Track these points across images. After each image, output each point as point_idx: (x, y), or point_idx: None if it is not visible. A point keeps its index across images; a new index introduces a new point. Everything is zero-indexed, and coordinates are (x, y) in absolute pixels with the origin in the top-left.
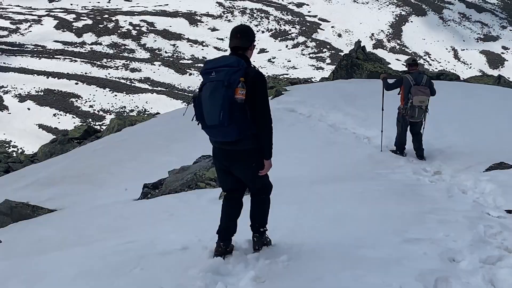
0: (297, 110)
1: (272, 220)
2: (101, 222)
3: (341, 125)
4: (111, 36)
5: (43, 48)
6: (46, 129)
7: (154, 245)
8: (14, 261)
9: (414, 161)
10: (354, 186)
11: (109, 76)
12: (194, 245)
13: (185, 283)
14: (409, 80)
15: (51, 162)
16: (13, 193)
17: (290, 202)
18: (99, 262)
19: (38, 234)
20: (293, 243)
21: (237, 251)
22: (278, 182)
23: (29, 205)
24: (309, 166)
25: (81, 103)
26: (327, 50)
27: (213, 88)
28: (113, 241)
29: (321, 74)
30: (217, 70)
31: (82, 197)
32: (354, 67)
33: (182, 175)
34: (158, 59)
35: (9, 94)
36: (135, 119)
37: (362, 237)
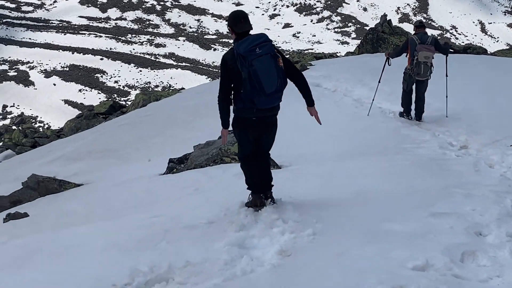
0: (322, 84)
1: (297, 194)
2: (127, 197)
3: (367, 99)
4: (136, 11)
5: (68, 24)
6: (72, 105)
7: (179, 219)
8: (42, 234)
9: (440, 135)
10: (380, 161)
11: (134, 51)
12: (219, 219)
13: (211, 256)
14: (414, 39)
15: (77, 137)
16: (40, 167)
17: (315, 177)
18: (126, 236)
19: (65, 208)
20: (318, 217)
21: (262, 225)
22: (303, 157)
23: (56, 180)
24: (334, 141)
25: (106, 79)
26: (352, 25)
27: (265, 61)
28: (139, 215)
29: (346, 48)
30: (260, 46)
31: (108, 172)
32: (380, 41)
33: (207, 150)
34: (182, 34)
35: (35, 70)
36: (160, 94)
37: (387, 212)
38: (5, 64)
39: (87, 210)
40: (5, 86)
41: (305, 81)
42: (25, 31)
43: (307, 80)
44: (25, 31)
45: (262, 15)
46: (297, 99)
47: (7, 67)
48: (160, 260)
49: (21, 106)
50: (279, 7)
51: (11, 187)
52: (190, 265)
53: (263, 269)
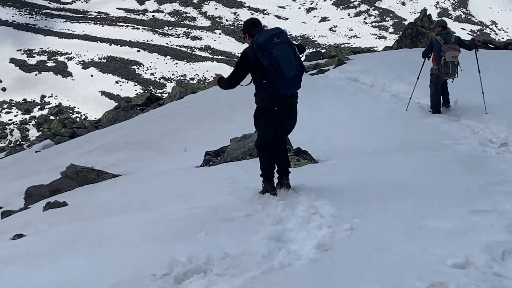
0: (360, 79)
1: (335, 189)
2: (164, 188)
3: (405, 95)
4: (173, 4)
5: (106, 15)
6: (109, 96)
7: (217, 211)
8: (81, 223)
9: (480, 132)
10: (418, 157)
11: (170, 44)
12: (257, 212)
13: (249, 249)
14: (438, 40)
15: (114, 128)
16: (78, 158)
17: (353, 172)
18: (164, 227)
19: (103, 198)
20: (356, 212)
21: (299, 220)
22: (340, 151)
23: (94, 170)
24: (372, 136)
25: (143, 71)
26: (390, 19)
27: (284, 48)
28: (177, 207)
29: (384, 43)
30: (277, 36)
31: (145, 163)
32: (419, 36)
33: (244, 143)
34: (219, 27)
35: (73, 61)
36: (196, 87)
37: (426, 208)
38: (44, 55)
39: (124, 200)
40: (43, 77)
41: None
42: (63, 22)
43: (345, 75)
44: (64, 22)
45: (299, 8)
46: (334, 93)
47: (45, 58)
48: (198, 251)
49: (59, 96)
50: (316, 0)
51: (50, 176)
52: (228, 257)
53: (301, 262)
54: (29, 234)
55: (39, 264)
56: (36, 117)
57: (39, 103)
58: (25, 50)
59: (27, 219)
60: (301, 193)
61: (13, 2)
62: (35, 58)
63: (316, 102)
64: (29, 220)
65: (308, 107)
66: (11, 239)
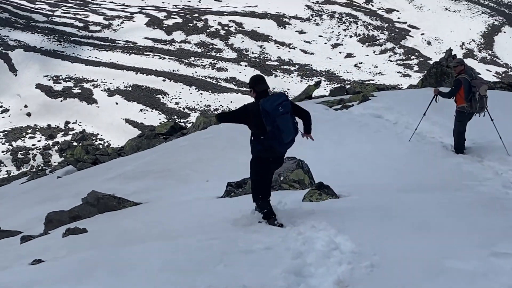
0: (384, 116)
1: (356, 225)
2: (184, 218)
3: (428, 133)
4: (200, 35)
5: (133, 44)
6: (132, 124)
7: (237, 243)
8: (101, 250)
9: (503, 174)
10: (440, 196)
11: (195, 74)
12: (276, 245)
13: (268, 282)
14: (466, 78)
15: (137, 156)
16: (100, 184)
17: (375, 208)
18: (184, 257)
19: (123, 226)
20: (376, 249)
21: (319, 254)
22: (362, 187)
23: (115, 197)
24: (394, 174)
25: (167, 100)
26: (415, 58)
27: (286, 119)
28: (197, 237)
29: (408, 81)
30: (282, 105)
31: (166, 192)
32: (444, 76)
33: None
34: (244, 59)
35: (98, 88)
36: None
37: (447, 248)
38: (71, 81)
39: (145, 229)
40: (69, 103)
41: (309, 116)
42: (91, 50)
43: (369, 112)
44: (92, 50)
45: (325, 44)
46: (357, 129)
47: (72, 84)
48: (217, 283)
49: (83, 123)
50: (342, 36)
51: (71, 202)
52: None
53: None
54: (48, 260)
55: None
56: (59, 142)
57: (63, 129)
58: (51, 76)
59: (46, 245)
60: (321, 228)
61: (42, 28)
62: (61, 84)
63: (339, 137)
64: (48, 245)
65: (332, 142)
66: (30, 264)
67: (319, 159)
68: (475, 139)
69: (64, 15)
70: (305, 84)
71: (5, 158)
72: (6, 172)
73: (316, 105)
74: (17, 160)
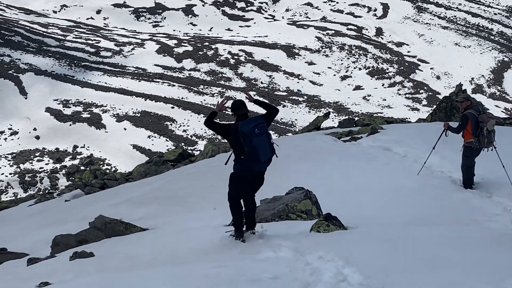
0: (393, 149)
1: (364, 257)
2: (192, 245)
3: (437, 168)
4: (210, 64)
5: (143, 71)
6: (140, 150)
7: (244, 271)
8: (107, 275)
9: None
10: (449, 231)
11: (204, 102)
12: (284, 274)
13: None
14: (473, 113)
15: (145, 182)
16: (107, 209)
17: (382, 241)
18: (191, 284)
19: (131, 251)
20: (384, 282)
21: (327, 286)
22: (370, 220)
23: (123, 222)
24: (403, 207)
25: (175, 127)
26: (424, 92)
27: (262, 139)
28: (204, 264)
29: (417, 115)
30: (258, 127)
31: (173, 218)
32: (454, 110)
33: (274, 205)
34: (253, 88)
35: (107, 114)
36: (228, 146)
37: (456, 282)
38: (80, 106)
39: (152, 254)
40: (77, 127)
41: (275, 107)
42: (101, 75)
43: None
44: (102, 75)
45: (334, 75)
46: (366, 161)
47: (81, 109)
48: None
49: (91, 147)
50: (351, 69)
51: (78, 226)
52: None
53: None
54: (55, 283)
55: None
56: (67, 166)
57: (71, 152)
58: (61, 100)
59: (53, 268)
60: (329, 259)
61: (53, 53)
62: (70, 109)
63: (348, 169)
64: (55, 268)
65: (340, 174)
66: (37, 287)
67: (327, 190)
68: (484, 174)
69: (75, 40)
70: (313, 115)
71: (12, 180)
72: (13, 194)
73: (325, 136)
74: (25, 183)
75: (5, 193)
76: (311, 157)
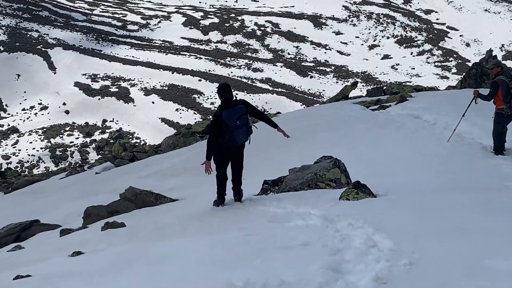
0: (422, 117)
1: (394, 224)
2: (222, 214)
3: (468, 134)
4: (236, 35)
5: (170, 44)
6: (168, 123)
7: (274, 239)
8: (139, 244)
9: None
10: (480, 197)
11: (231, 74)
12: (314, 242)
13: (306, 277)
14: (504, 79)
15: (174, 154)
16: (137, 181)
17: (412, 207)
18: (221, 251)
19: (161, 221)
20: (415, 247)
21: (357, 252)
22: (399, 187)
23: (153, 193)
24: (432, 174)
25: (203, 100)
26: (454, 59)
27: (242, 131)
28: (234, 233)
29: (446, 83)
30: (240, 119)
31: (202, 189)
32: (484, 77)
33: (303, 174)
34: (280, 60)
35: (135, 87)
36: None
37: (488, 248)
38: (108, 80)
39: (182, 224)
40: (106, 101)
41: (266, 116)
42: (129, 49)
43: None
44: (129, 49)
45: (362, 45)
46: (395, 129)
47: (109, 83)
48: (255, 277)
49: (120, 121)
50: (379, 38)
51: (109, 197)
52: (285, 284)
53: None
54: (88, 252)
55: (97, 281)
56: (96, 140)
57: (100, 127)
58: (89, 74)
59: (85, 238)
60: (359, 226)
61: (81, 27)
62: (99, 83)
63: (376, 137)
64: (87, 239)
65: (369, 142)
66: (70, 256)
67: (356, 158)
68: None
69: (102, 14)
70: (340, 86)
71: (44, 155)
72: (45, 168)
73: (353, 105)
74: (56, 157)
75: (36, 167)
76: (339, 126)
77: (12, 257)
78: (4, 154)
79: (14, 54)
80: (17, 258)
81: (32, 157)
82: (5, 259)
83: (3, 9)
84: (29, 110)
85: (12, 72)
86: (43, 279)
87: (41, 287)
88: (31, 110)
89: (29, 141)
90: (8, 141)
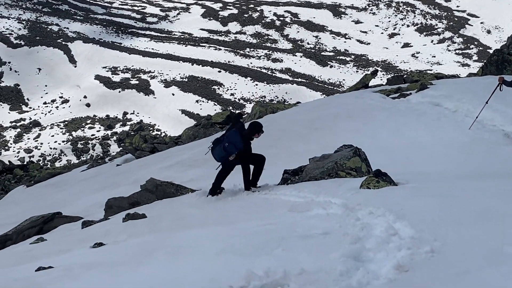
0: (443, 104)
1: (415, 212)
2: (242, 204)
3: (489, 121)
4: (255, 26)
5: (189, 36)
6: (188, 115)
7: (295, 228)
8: (159, 235)
9: None
10: (503, 184)
11: (251, 65)
12: (334, 230)
13: (326, 266)
14: None
15: (194, 145)
16: (157, 172)
17: (434, 195)
18: (242, 241)
19: (181, 212)
20: (437, 235)
21: (378, 240)
22: (420, 175)
23: (173, 184)
24: (454, 162)
25: (223, 91)
26: (475, 47)
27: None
28: (254, 222)
29: (467, 71)
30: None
31: None
32: (505, 63)
33: (323, 163)
34: (300, 50)
35: (155, 79)
36: (276, 106)
37: (510, 235)
38: (128, 73)
39: (202, 214)
40: (126, 94)
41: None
42: (148, 41)
43: (428, 100)
44: (149, 41)
45: (381, 33)
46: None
47: (129, 76)
48: (275, 266)
49: (141, 113)
50: (399, 26)
51: (130, 189)
52: (305, 273)
53: (379, 282)
54: (109, 243)
55: (118, 271)
56: (117, 133)
57: (121, 119)
58: (110, 67)
59: (107, 229)
60: (379, 214)
61: (100, 20)
62: (119, 76)
63: (397, 126)
64: (109, 230)
65: (389, 130)
66: (92, 247)
67: (376, 147)
68: None
69: (121, 7)
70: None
71: (65, 148)
72: (67, 161)
73: (373, 94)
74: (77, 150)
75: (58, 160)
76: (359, 115)
77: (35, 249)
78: (26, 148)
79: (35, 48)
80: (39, 250)
81: (54, 150)
82: (28, 252)
83: (23, 4)
84: (51, 104)
85: (33, 66)
86: (64, 270)
87: (62, 277)
88: (53, 104)
89: (50, 134)
90: (30, 134)
